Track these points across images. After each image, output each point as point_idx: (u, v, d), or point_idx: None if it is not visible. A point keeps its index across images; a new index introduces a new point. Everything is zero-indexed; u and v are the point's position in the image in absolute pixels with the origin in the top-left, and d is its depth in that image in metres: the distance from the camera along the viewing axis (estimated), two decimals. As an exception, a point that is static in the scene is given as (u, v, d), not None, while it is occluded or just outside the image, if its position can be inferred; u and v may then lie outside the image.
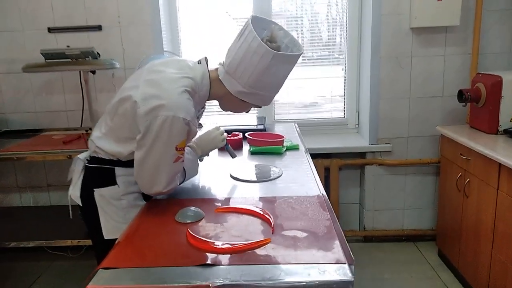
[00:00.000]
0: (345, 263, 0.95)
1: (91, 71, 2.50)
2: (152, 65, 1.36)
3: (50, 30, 2.65)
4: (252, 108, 1.50)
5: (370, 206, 2.91)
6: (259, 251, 1.02)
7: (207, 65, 1.40)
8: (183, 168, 1.41)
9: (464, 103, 2.37)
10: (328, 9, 2.89)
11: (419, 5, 2.46)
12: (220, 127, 1.61)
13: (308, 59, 2.99)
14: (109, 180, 1.36)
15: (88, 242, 2.24)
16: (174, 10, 2.84)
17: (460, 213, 2.36)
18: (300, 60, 1.44)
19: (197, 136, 1.56)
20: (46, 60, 2.34)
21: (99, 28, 2.65)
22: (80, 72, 2.53)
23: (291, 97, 3.02)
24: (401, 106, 2.74)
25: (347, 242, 1.04)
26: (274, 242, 1.06)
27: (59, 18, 2.66)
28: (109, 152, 1.34)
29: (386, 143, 2.79)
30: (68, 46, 2.35)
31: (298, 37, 2.95)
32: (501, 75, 2.18)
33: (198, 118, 1.45)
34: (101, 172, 1.37)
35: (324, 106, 3.06)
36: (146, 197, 1.43)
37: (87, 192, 1.38)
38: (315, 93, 3.05)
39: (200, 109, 1.44)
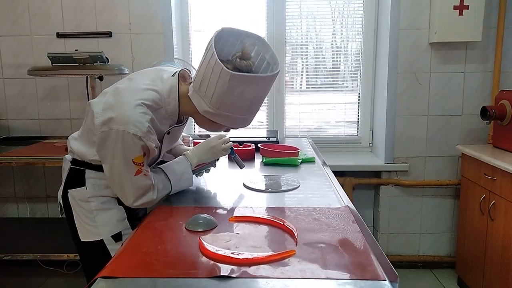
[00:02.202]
0: (385, 280, 0.81)
1: (98, 78, 2.41)
2: (136, 72, 1.35)
3: (58, 35, 2.58)
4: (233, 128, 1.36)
5: (385, 229, 2.75)
6: (283, 264, 0.88)
7: (189, 75, 1.32)
8: (168, 178, 1.32)
9: (488, 121, 2.25)
10: (333, 37, 2.86)
11: (440, 20, 2.38)
12: (225, 136, 1.48)
13: (312, 86, 2.94)
14: (80, 181, 1.30)
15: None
16: (186, 19, 2.78)
17: (483, 238, 2.20)
18: (304, 86, 1.33)
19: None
20: (53, 64, 2.26)
21: (109, 34, 2.58)
22: (87, 78, 2.44)
23: (296, 121, 2.92)
24: (418, 124, 2.62)
25: (384, 257, 0.91)
26: (299, 254, 0.93)
27: (68, 24, 2.60)
28: (77, 153, 1.30)
29: (402, 163, 2.66)
30: (76, 50, 2.27)
31: (302, 64, 2.91)
32: (528, 92, 2.08)
33: (170, 133, 1.33)
34: (75, 173, 1.32)
35: (329, 131, 2.95)
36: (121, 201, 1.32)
37: (65, 193, 1.33)
38: (321, 118, 2.94)
39: (172, 124, 1.32)
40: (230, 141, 1.49)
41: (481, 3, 2.34)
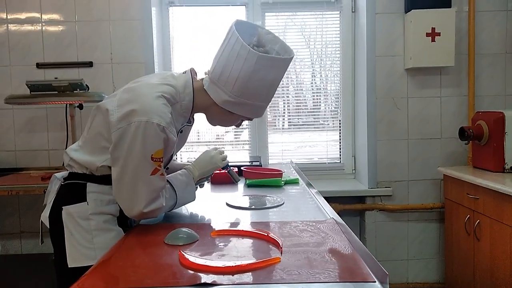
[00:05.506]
0: (374, 282, 0.77)
1: (78, 106, 2.39)
2: (138, 78, 1.32)
3: (38, 65, 2.57)
4: (243, 122, 1.39)
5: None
6: (268, 271, 0.84)
7: (195, 75, 1.32)
8: (174, 190, 1.26)
9: (466, 141, 2.29)
10: (312, 78, 2.96)
11: (414, 46, 2.47)
12: (219, 148, 1.47)
13: (294, 125, 2.99)
14: (79, 196, 1.21)
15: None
16: (168, 48, 2.81)
17: (471, 259, 2.17)
18: (286, 125, 1.38)
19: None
20: (32, 92, 2.22)
21: (90, 64, 2.58)
22: (66, 106, 2.41)
23: (279, 159, 2.92)
24: (399, 149, 2.65)
25: None
26: (284, 262, 0.89)
27: (49, 55, 2.59)
28: (82, 163, 1.22)
29: (386, 187, 2.66)
30: (56, 78, 2.25)
31: (284, 104, 2.98)
32: (502, 111, 2.14)
33: (182, 131, 1.32)
34: (72, 188, 1.23)
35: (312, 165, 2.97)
36: (121, 222, 1.25)
37: (56, 211, 1.22)
38: (304, 156, 2.96)
39: (184, 122, 1.31)
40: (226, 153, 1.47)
41: (451, 30, 2.45)
